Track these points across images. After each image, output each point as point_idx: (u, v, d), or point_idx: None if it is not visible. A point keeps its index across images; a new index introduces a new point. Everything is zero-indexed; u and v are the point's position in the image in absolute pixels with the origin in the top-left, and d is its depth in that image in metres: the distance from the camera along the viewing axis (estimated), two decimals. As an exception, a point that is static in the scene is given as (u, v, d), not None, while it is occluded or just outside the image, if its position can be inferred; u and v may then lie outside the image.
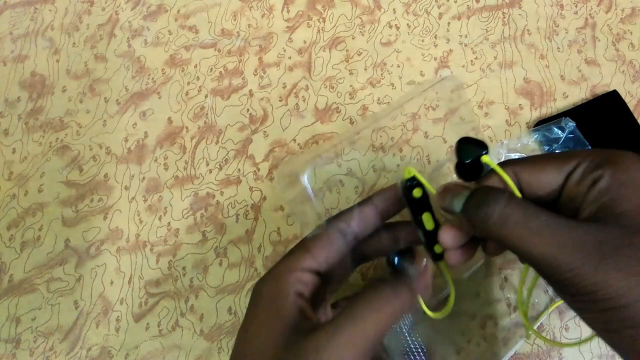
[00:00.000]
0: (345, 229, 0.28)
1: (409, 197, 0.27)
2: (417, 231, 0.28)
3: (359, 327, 0.23)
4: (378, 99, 0.41)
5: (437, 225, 0.28)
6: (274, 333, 0.25)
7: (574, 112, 0.40)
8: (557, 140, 0.38)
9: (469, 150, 0.26)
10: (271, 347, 0.24)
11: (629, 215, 0.22)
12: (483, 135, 0.40)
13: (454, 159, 0.27)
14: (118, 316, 0.36)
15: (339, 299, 0.31)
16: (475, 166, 0.26)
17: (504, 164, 0.26)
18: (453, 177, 0.29)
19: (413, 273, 0.26)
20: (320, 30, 0.44)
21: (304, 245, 0.27)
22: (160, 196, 0.39)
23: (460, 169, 0.27)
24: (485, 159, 0.26)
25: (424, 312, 0.27)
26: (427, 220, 0.27)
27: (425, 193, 0.27)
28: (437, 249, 0.28)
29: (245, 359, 0.25)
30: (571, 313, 0.35)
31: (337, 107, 0.41)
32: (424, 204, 0.27)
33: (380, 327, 0.23)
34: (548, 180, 0.25)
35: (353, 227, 0.28)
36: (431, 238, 0.28)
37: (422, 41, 0.43)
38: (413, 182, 0.27)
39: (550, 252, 0.21)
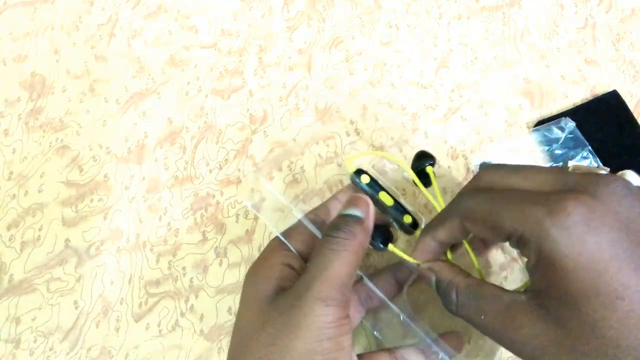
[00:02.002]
0: (314, 218, 0.31)
1: (360, 185, 0.31)
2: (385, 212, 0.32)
3: (330, 270, 0.25)
4: (378, 99, 0.41)
5: (395, 200, 0.31)
6: (260, 299, 0.26)
7: (574, 112, 0.40)
8: (557, 140, 0.38)
9: (420, 161, 0.33)
10: (256, 311, 0.26)
11: (557, 304, 0.21)
12: (483, 135, 0.40)
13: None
14: (118, 316, 0.36)
15: None
16: (425, 174, 0.32)
17: (453, 210, 0.27)
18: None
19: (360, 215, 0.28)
20: (320, 30, 0.44)
21: (282, 234, 0.30)
22: (160, 196, 0.39)
23: (417, 174, 0.32)
24: (429, 169, 0.32)
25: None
26: (385, 198, 0.31)
27: (372, 178, 0.31)
28: (406, 219, 0.31)
29: (238, 325, 0.27)
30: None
31: (337, 107, 0.41)
32: (376, 186, 0.31)
33: (346, 268, 0.25)
34: (489, 239, 0.27)
35: (321, 216, 0.31)
36: (395, 212, 0.31)
37: (422, 41, 0.43)
38: (359, 173, 0.31)
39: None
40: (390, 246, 0.30)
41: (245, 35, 0.44)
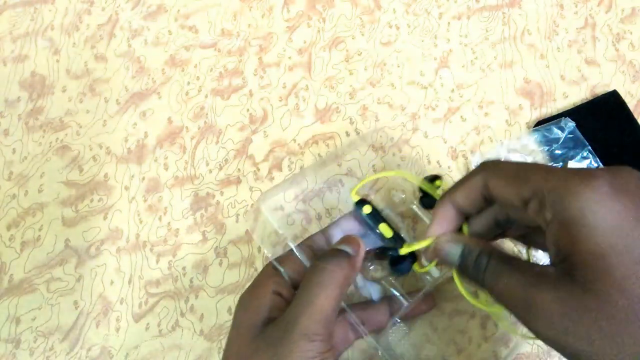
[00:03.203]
0: (310, 245, 0.31)
1: (361, 215, 0.32)
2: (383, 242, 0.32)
3: (316, 305, 0.26)
4: (378, 99, 0.41)
5: (395, 232, 0.31)
6: (250, 328, 0.27)
7: (574, 112, 0.40)
8: (557, 140, 0.38)
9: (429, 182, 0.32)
10: (245, 340, 0.27)
11: (583, 267, 0.21)
12: (483, 135, 0.40)
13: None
14: (118, 316, 0.36)
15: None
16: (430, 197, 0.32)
17: (477, 169, 0.26)
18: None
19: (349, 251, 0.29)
20: (320, 30, 0.44)
21: (276, 260, 0.30)
22: (160, 196, 0.39)
23: (422, 201, 0.32)
24: (437, 182, 0.32)
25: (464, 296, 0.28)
26: (385, 230, 0.31)
27: (374, 208, 0.32)
28: (403, 251, 0.31)
29: (228, 350, 0.28)
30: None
31: (337, 107, 0.41)
32: (377, 217, 0.32)
33: (330, 302, 0.26)
34: (511, 198, 0.24)
35: (318, 243, 0.31)
36: (394, 244, 0.31)
37: (422, 41, 0.43)
38: (362, 203, 0.32)
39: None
40: (404, 247, 0.30)
41: (245, 35, 0.44)
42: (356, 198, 0.32)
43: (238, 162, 0.40)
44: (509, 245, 0.35)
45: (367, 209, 0.32)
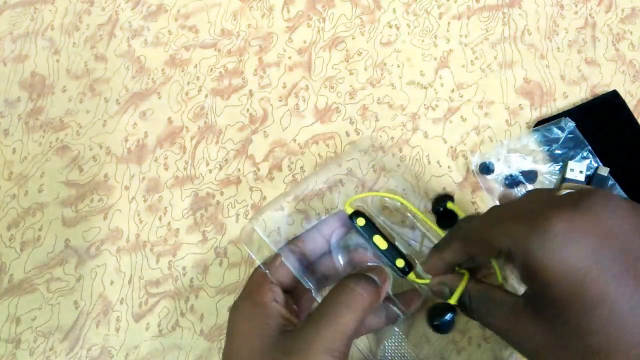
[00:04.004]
0: (294, 249, 0.32)
1: (355, 228, 0.32)
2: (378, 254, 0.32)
3: (341, 324, 0.26)
4: (378, 99, 0.41)
5: (390, 243, 0.32)
6: (261, 337, 0.27)
7: (574, 112, 0.40)
8: (556, 140, 0.38)
9: (439, 202, 0.36)
10: (259, 350, 0.26)
11: (549, 306, 0.23)
12: (483, 135, 0.40)
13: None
14: (118, 316, 0.36)
15: None
16: (447, 215, 0.35)
17: (454, 234, 0.30)
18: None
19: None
20: (320, 30, 0.44)
21: (262, 265, 0.31)
22: (160, 196, 0.39)
23: (439, 221, 0.35)
24: (449, 205, 0.34)
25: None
26: (379, 242, 0.32)
27: (368, 219, 0.32)
28: (399, 263, 0.31)
29: (235, 357, 0.28)
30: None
31: (337, 107, 0.41)
32: (372, 228, 0.32)
33: (353, 323, 0.26)
34: (486, 256, 0.29)
35: (301, 248, 0.32)
36: (389, 255, 0.32)
37: (422, 41, 0.43)
38: (356, 215, 0.32)
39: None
40: (411, 275, 0.32)
41: (245, 35, 0.44)
42: (350, 210, 0.32)
43: (238, 162, 0.40)
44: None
45: (360, 221, 0.32)
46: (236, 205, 0.39)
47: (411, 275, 0.32)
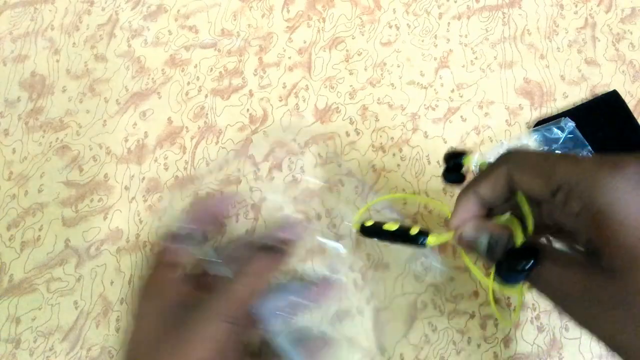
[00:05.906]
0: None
1: (366, 230, 0.31)
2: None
3: (229, 292, 0.25)
4: (378, 99, 0.41)
5: (400, 226, 0.31)
6: (160, 315, 0.26)
7: (574, 112, 0.40)
8: (556, 140, 0.38)
9: (454, 156, 0.32)
10: (156, 325, 0.25)
11: (613, 259, 0.20)
12: (483, 135, 0.40)
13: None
14: (118, 316, 0.36)
15: None
16: (457, 170, 0.31)
17: (501, 160, 0.26)
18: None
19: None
20: (320, 30, 0.44)
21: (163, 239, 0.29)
22: (160, 196, 0.39)
23: (446, 176, 0.32)
24: (466, 160, 0.31)
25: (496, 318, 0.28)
26: (390, 226, 0.31)
27: (376, 222, 0.31)
28: (413, 231, 0.30)
29: (136, 337, 0.26)
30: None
31: (337, 107, 0.41)
32: (378, 222, 0.31)
33: (247, 290, 0.26)
34: (538, 191, 0.24)
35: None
36: (402, 232, 0.30)
37: (422, 41, 0.43)
38: (362, 227, 0.32)
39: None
40: (430, 238, 0.29)
41: (245, 35, 0.44)
42: (357, 227, 0.32)
43: (238, 162, 0.40)
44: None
45: (368, 222, 0.31)
46: (236, 205, 0.39)
47: (430, 239, 0.29)
